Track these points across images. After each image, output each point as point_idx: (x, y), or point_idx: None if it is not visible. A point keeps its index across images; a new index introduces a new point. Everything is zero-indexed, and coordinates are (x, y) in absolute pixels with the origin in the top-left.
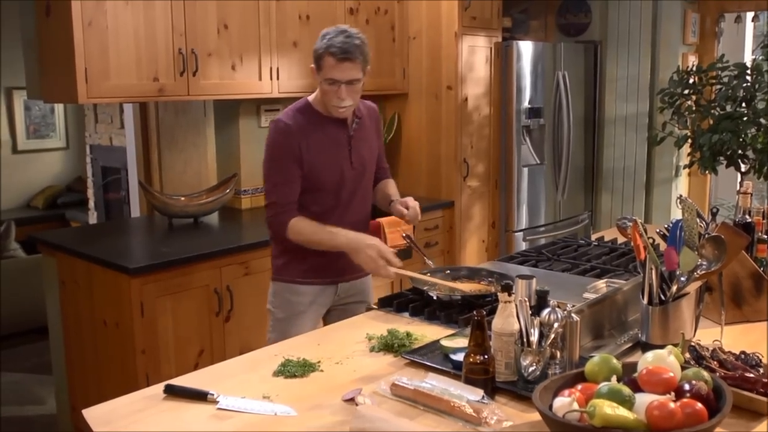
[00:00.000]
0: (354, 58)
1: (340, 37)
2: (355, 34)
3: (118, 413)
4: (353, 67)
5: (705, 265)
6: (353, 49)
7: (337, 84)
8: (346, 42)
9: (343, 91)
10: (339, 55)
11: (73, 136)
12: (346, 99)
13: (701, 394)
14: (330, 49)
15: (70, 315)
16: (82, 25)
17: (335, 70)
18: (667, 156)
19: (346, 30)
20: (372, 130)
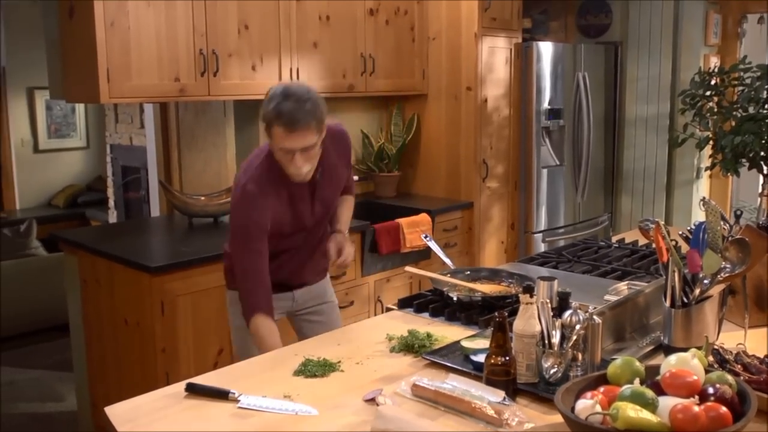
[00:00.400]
0: (306, 125)
1: (288, 103)
2: (305, 96)
3: (140, 411)
4: (306, 134)
5: (729, 267)
6: (304, 116)
7: (291, 153)
8: (296, 109)
9: (298, 160)
10: (289, 126)
11: (94, 135)
12: (303, 166)
13: (726, 397)
14: (279, 119)
15: (91, 313)
16: (105, 26)
17: (286, 140)
18: (688, 158)
19: (295, 92)
20: (338, 161)
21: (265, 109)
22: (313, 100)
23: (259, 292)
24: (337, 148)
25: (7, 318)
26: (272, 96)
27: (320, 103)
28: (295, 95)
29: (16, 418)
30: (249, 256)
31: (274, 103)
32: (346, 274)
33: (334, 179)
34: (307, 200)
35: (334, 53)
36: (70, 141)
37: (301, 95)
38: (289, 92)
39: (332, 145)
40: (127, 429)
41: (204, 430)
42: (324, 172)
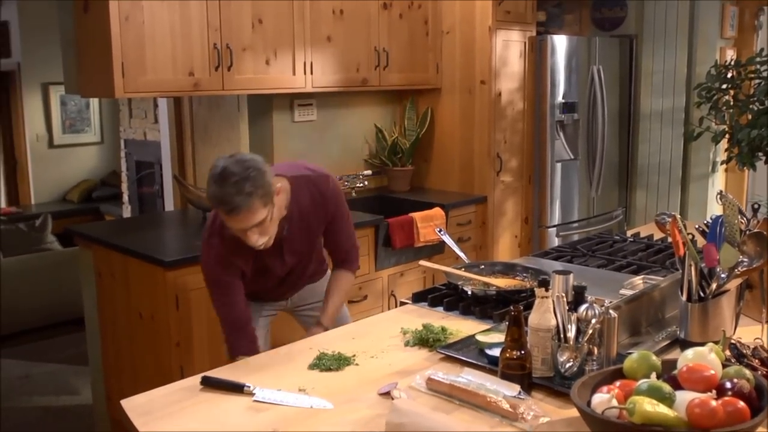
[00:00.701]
0: (248, 208)
1: (225, 187)
2: (243, 175)
3: (155, 404)
4: (251, 215)
5: (746, 261)
6: (244, 200)
7: (242, 231)
8: (234, 193)
9: (252, 236)
10: (229, 212)
11: (108, 130)
12: (259, 240)
13: (743, 392)
14: (219, 205)
15: (105, 307)
16: (119, 21)
17: (233, 222)
18: (704, 152)
19: (232, 173)
20: (313, 214)
21: (207, 190)
22: (253, 178)
23: (239, 338)
24: (314, 198)
25: (22, 312)
26: (212, 177)
27: (262, 177)
28: (232, 177)
29: (31, 412)
30: (223, 307)
31: (213, 189)
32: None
33: (305, 233)
34: (276, 256)
35: (347, 47)
36: (84, 136)
37: (240, 175)
38: (226, 175)
39: (307, 195)
40: (143, 422)
41: (219, 423)
42: (291, 227)
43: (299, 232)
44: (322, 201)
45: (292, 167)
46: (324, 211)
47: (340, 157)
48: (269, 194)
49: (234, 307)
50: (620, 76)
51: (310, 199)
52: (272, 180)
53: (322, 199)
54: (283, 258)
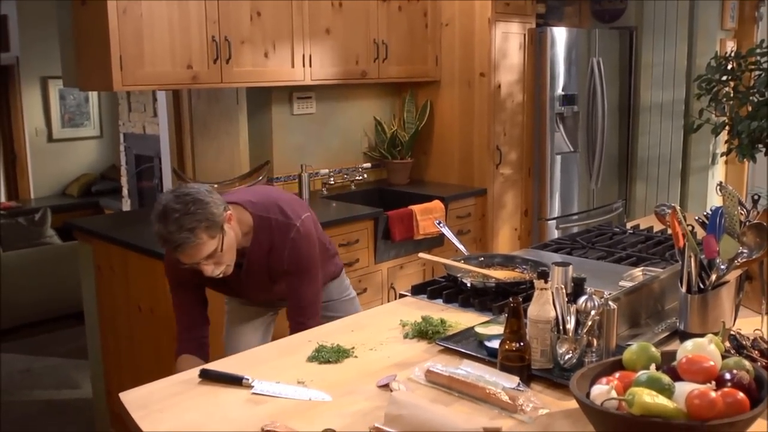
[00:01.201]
0: (193, 243)
1: (167, 224)
2: (183, 211)
3: (154, 397)
4: (196, 249)
5: (746, 253)
6: (187, 236)
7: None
8: (175, 230)
9: (206, 268)
10: (176, 250)
11: (107, 124)
12: (214, 270)
13: (743, 383)
14: (163, 243)
15: (105, 300)
16: (117, 14)
17: (181, 258)
18: (704, 144)
19: (173, 209)
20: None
21: (153, 227)
22: (193, 212)
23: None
24: (275, 246)
25: (22, 306)
26: (155, 215)
27: (204, 209)
28: (173, 213)
29: (32, 406)
30: (175, 302)
31: (156, 227)
32: (360, 261)
33: (263, 272)
34: (236, 279)
35: (346, 40)
36: (83, 130)
37: (180, 211)
38: (167, 212)
39: (267, 240)
40: (142, 415)
41: (218, 415)
42: (250, 264)
43: (258, 270)
44: (280, 247)
45: (266, 200)
46: (281, 259)
47: (340, 150)
48: (216, 224)
49: (184, 309)
50: (620, 68)
51: (269, 245)
52: (219, 209)
53: (280, 247)
54: (241, 286)
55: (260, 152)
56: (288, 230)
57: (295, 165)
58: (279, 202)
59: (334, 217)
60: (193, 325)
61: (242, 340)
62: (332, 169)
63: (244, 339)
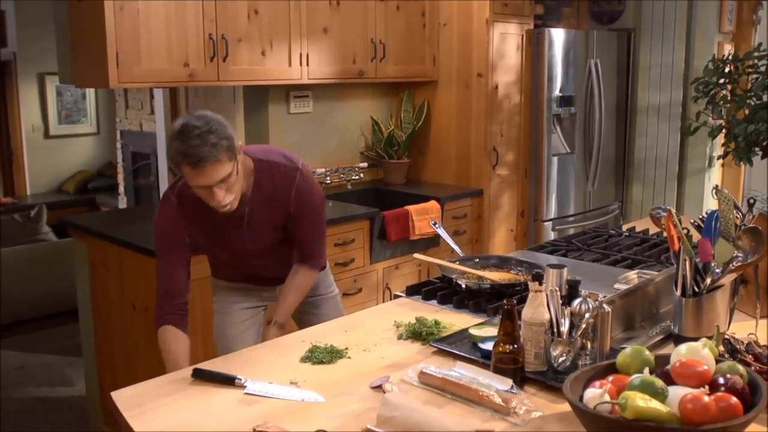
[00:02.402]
0: (214, 159)
1: (189, 140)
2: (206, 129)
3: (146, 396)
4: (217, 168)
5: (741, 256)
6: (209, 151)
7: (207, 188)
8: (199, 145)
9: (218, 193)
10: (197, 165)
11: (104, 121)
12: (225, 198)
13: (736, 388)
14: (184, 159)
15: (99, 298)
16: (114, 10)
17: (198, 178)
18: (700, 146)
19: (195, 126)
20: (275, 201)
21: (169, 149)
22: (217, 131)
23: (167, 304)
24: (278, 188)
25: (17, 303)
26: (174, 133)
27: (224, 129)
28: (195, 130)
29: (26, 403)
30: (160, 265)
31: (176, 145)
32: (355, 261)
33: (266, 220)
34: (236, 232)
35: (344, 39)
36: (80, 127)
37: (202, 128)
38: (188, 128)
39: (270, 182)
40: (133, 414)
41: (210, 415)
42: (252, 212)
43: (259, 217)
44: (285, 191)
45: (265, 151)
46: (286, 203)
47: (336, 150)
48: (233, 148)
49: (171, 270)
50: (618, 70)
51: (273, 187)
52: (234, 135)
53: (286, 189)
54: (243, 239)
55: None
56: (292, 173)
57: None
58: (281, 151)
59: (329, 216)
60: (177, 291)
61: (237, 339)
62: (329, 169)
63: (239, 338)
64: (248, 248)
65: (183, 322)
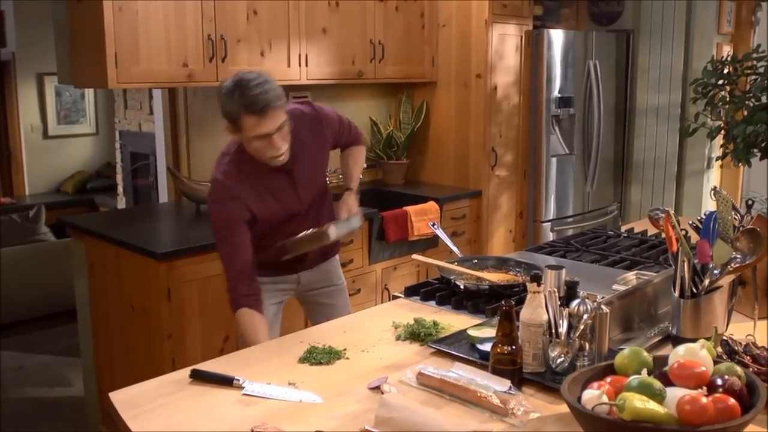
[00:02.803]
0: (275, 105)
1: (250, 90)
2: (263, 79)
3: (144, 397)
4: (277, 114)
5: (739, 258)
6: (272, 98)
7: (267, 138)
8: (261, 93)
9: (276, 141)
10: (261, 112)
11: (103, 121)
12: (282, 146)
13: (734, 389)
14: (248, 108)
15: (98, 299)
16: (113, 10)
17: (261, 126)
18: (699, 147)
19: (251, 78)
20: (314, 143)
21: (227, 105)
22: (270, 81)
23: (241, 285)
24: (312, 129)
25: (16, 303)
26: (229, 89)
27: (273, 80)
28: (252, 82)
29: (24, 403)
30: (227, 248)
31: (237, 95)
32: (354, 261)
33: (310, 162)
34: (288, 189)
35: (343, 39)
36: (79, 127)
37: (259, 80)
38: (245, 81)
39: (304, 127)
40: (131, 415)
41: (208, 416)
42: (297, 158)
43: (303, 163)
44: (320, 129)
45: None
46: (324, 138)
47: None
48: (284, 97)
49: (238, 249)
50: (616, 71)
51: (308, 130)
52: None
53: (319, 127)
54: (296, 190)
55: None
56: (314, 114)
57: None
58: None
59: None
60: (247, 271)
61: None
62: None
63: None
64: (302, 198)
65: (257, 302)
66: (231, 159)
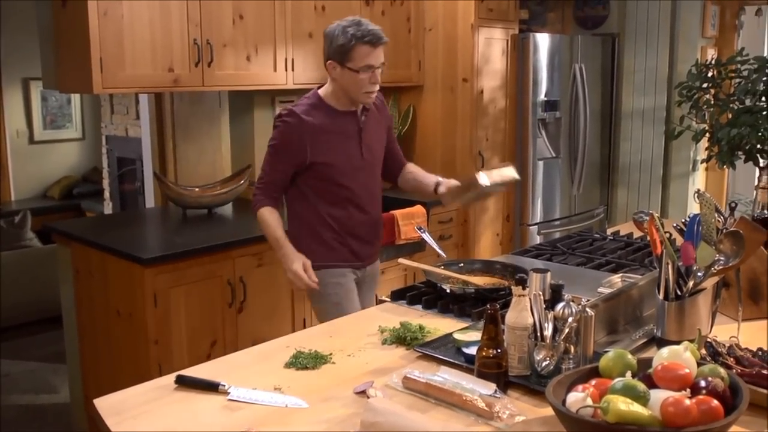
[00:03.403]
0: (384, 41)
1: (365, 25)
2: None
3: (129, 403)
4: (384, 49)
5: (722, 260)
6: (381, 34)
7: (371, 69)
8: (375, 29)
9: (377, 75)
10: (375, 42)
11: (90, 126)
12: (377, 83)
13: (717, 391)
14: (364, 38)
15: (83, 305)
16: (98, 15)
17: (371, 56)
18: (685, 150)
19: (362, 19)
20: (380, 119)
21: (341, 37)
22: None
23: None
24: (379, 106)
25: (2, 309)
26: (347, 24)
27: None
28: (366, 21)
29: (10, 410)
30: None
31: (355, 28)
32: None
33: (376, 131)
34: (353, 140)
35: None
36: (65, 132)
37: (371, 23)
38: (361, 20)
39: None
40: (116, 421)
41: (193, 422)
42: (367, 119)
43: (372, 128)
44: (383, 109)
45: None
46: (385, 118)
47: None
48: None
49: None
50: (602, 75)
51: (379, 104)
52: None
53: (383, 107)
54: (361, 145)
55: (242, 156)
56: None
57: None
58: None
59: None
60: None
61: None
62: None
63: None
64: (364, 156)
65: (277, 205)
66: (312, 101)
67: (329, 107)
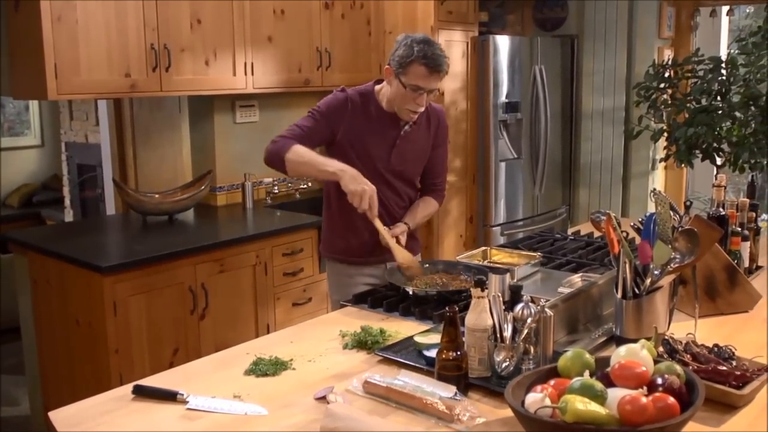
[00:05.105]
0: (444, 71)
1: (431, 48)
2: (440, 47)
3: (85, 415)
4: (440, 78)
5: (678, 258)
6: (444, 63)
7: (420, 91)
8: (439, 56)
9: (423, 99)
10: (432, 68)
11: (49, 133)
12: (423, 105)
13: (673, 387)
14: (424, 60)
15: (42, 315)
16: (51, 20)
17: (424, 80)
18: (644, 150)
19: (433, 41)
20: (428, 136)
21: (407, 49)
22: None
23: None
24: (431, 121)
25: None
26: (414, 40)
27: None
28: (435, 44)
29: None
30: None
31: (420, 46)
32: (304, 270)
33: (417, 144)
34: (385, 144)
35: (289, 47)
36: (24, 139)
37: (438, 45)
38: (431, 41)
39: (424, 115)
40: None
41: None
42: (411, 131)
43: (413, 141)
44: (436, 124)
45: None
46: (434, 135)
47: None
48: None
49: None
50: (562, 76)
51: (426, 119)
52: None
53: (437, 122)
54: (391, 152)
55: (203, 161)
56: (442, 111)
57: (238, 174)
58: None
59: (277, 226)
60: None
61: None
62: (276, 178)
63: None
64: (390, 162)
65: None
66: (363, 91)
67: (377, 103)
